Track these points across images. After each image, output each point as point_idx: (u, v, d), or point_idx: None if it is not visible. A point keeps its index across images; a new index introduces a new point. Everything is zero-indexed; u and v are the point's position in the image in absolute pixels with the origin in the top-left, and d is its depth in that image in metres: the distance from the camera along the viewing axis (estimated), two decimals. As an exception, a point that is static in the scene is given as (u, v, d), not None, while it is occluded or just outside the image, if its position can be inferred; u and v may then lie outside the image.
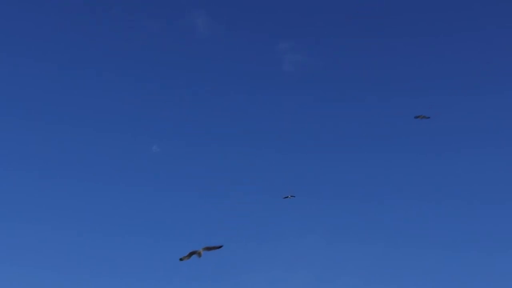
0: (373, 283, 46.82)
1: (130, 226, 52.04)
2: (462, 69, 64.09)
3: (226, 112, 62.54)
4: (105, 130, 59.78)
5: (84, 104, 61.28)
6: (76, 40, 63.25)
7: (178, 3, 65.57)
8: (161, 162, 58.62)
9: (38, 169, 56.21)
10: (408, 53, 65.25)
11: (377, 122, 61.37)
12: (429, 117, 34.09)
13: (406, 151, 58.49)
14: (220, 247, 22.62)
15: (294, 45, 63.48)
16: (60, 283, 46.54)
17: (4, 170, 55.32)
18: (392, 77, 64.58)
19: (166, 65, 64.26)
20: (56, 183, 55.25)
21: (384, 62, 65.41)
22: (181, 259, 25.79)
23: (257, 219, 53.19)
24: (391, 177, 56.54)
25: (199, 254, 21.91)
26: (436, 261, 48.98)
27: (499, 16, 63.84)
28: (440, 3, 65.88)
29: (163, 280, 47.85)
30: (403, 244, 50.35)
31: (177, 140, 60.23)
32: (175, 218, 52.97)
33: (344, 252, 49.94)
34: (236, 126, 61.57)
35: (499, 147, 57.93)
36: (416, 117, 33.97)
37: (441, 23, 65.47)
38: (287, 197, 36.62)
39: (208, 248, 22.14)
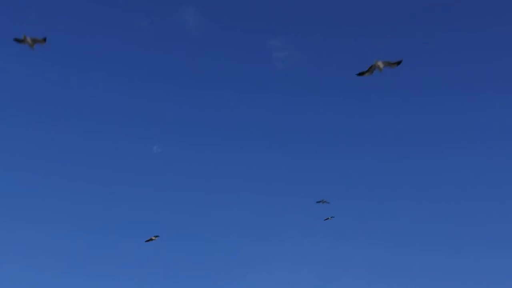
0: (375, 283, 46.86)
1: (131, 226, 51.94)
2: (458, 69, 64.23)
3: (224, 112, 62.54)
4: (105, 131, 59.69)
5: (83, 105, 61.17)
6: (72, 39, 63.10)
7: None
8: (162, 163, 58.61)
9: (38, 170, 56.06)
10: (401, 51, 65.33)
11: (373, 120, 61.42)
12: (329, 202, 36.55)
13: (407, 150, 58.56)
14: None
15: (283, 42, 63.51)
16: (61, 283, 46.42)
17: (4, 170, 55.16)
18: (385, 74, 64.48)
19: (158, 64, 64.14)
20: (56, 183, 55.11)
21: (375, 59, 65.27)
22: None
23: (259, 219, 53.19)
24: (393, 177, 56.59)
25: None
26: (437, 261, 49.05)
27: (499, 17, 63.99)
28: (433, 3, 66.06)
29: (164, 280, 47.78)
30: (405, 244, 50.43)
31: (178, 140, 60.19)
32: (176, 218, 52.93)
33: (346, 252, 49.98)
34: (236, 126, 61.55)
35: (499, 148, 58.06)
36: (318, 202, 36.35)
37: (436, 22, 65.61)
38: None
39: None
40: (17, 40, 19.97)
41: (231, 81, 63.81)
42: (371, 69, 19.55)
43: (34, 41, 19.95)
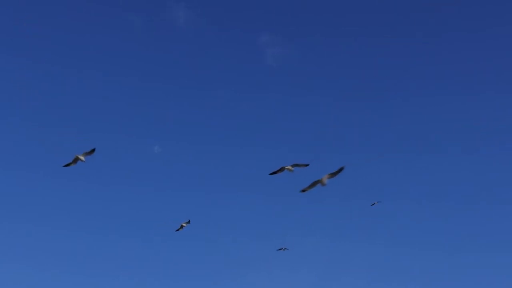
0: (375, 283, 46.87)
1: (131, 226, 51.97)
2: (458, 69, 64.20)
3: (224, 112, 62.56)
4: (106, 131, 59.71)
5: (83, 105, 61.18)
6: (71, 39, 63.15)
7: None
8: (162, 163, 58.65)
9: (38, 170, 56.12)
10: (401, 51, 65.32)
11: (373, 120, 61.42)
12: (288, 249, 37.77)
13: (407, 150, 58.57)
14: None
15: (274, 38, 63.48)
16: (61, 283, 46.44)
17: (4, 170, 55.20)
18: (375, 71, 64.64)
19: (153, 63, 64.12)
20: (56, 183, 55.18)
21: (368, 57, 65.43)
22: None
23: (259, 219, 53.20)
24: (393, 177, 56.58)
25: None
26: (437, 261, 49.06)
27: (499, 17, 63.99)
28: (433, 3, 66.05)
29: (164, 280, 47.80)
30: (405, 244, 50.45)
31: (178, 140, 60.23)
32: (177, 218, 52.81)
33: (346, 252, 50.00)
34: (235, 126, 61.59)
35: (499, 148, 58.05)
36: (278, 249, 37.86)
37: (436, 22, 65.58)
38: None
39: None
40: (69, 164, 22.25)
41: (226, 79, 63.97)
42: (280, 170, 22.09)
43: (86, 154, 22.21)
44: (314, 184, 20.87)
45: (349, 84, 63.92)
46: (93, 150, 21.93)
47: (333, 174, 20.78)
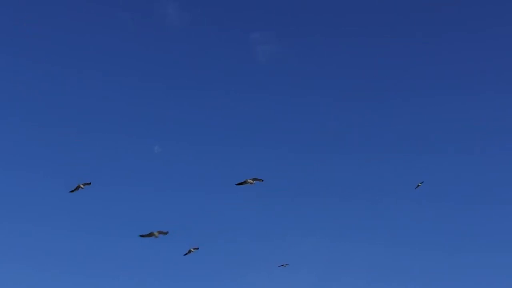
0: (375, 283, 46.86)
1: (131, 226, 51.92)
2: (458, 69, 64.19)
3: (223, 112, 62.55)
4: (106, 131, 59.67)
5: (83, 105, 61.15)
6: (70, 39, 63.15)
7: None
8: (162, 163, 58.62)
9: (38, 170, 56.08)
10: (401, 51, 65.29)
11: (373, 120, 61.40)
12: (288, 264, 37.18)
13: (406, 150, 58.54)
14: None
15: (266, 35, 63.45)
16: (61, 283, 46.41)
17: (4, 170, 55.15)
18: (374, 70, 64.63)
19: (148, 63, 64.12)
20: (56, 183, 55.12)
21: (366, 56, 65.43)
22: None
23: (259, 219, 53.17)
24: (392, 177, 56.56)
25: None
26: (437, 261, 49.05)
27: (499, 17, 63.96)
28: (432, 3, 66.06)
29: (164, 280, 47.78)
30: (405, 244, 50.43)
31: (178, 140, 60.20)
32: (177, 218, 52.89)
33: (346, 252, 49.99)
34: (235, 126, 61.57)
35: (499, 148, 58.04)
36: (279, 266, 37.33)
37: (436, 22, 65.56)
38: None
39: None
40: (73, 190, 26.85)
41: (222, 79, 63.90)
42: (244, 183, 25.18)
43: (85, 184, 26.95)
44: (150, 234, 24.83)
45: (346, 83, 64.05)
46: (90, 183, 27.02)
47: (162, 232, 24.71)
